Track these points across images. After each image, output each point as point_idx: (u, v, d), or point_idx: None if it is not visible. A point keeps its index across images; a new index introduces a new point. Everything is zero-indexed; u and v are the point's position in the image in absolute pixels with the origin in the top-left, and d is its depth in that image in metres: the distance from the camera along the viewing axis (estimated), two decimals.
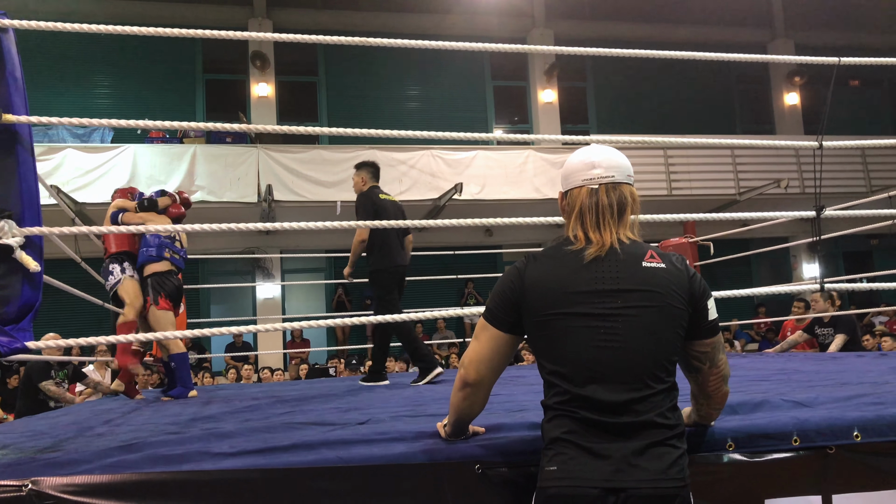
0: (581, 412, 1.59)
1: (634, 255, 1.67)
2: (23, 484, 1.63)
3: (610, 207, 1.71)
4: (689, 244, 7.24)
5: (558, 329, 1.64)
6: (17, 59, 2.20)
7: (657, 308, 1.63)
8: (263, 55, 12.50)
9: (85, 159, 10.12)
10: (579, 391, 1.60)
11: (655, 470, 1.55)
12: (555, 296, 1.65)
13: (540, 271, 1.69)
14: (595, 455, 1.56)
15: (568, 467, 1.57)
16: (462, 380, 1.77)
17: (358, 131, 2.88)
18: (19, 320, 2.06)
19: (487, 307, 1.77)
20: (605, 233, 1.68)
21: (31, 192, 2.18)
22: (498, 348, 1.74)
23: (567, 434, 1.60)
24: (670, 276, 1.67)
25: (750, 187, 12.02)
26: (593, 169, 1.74)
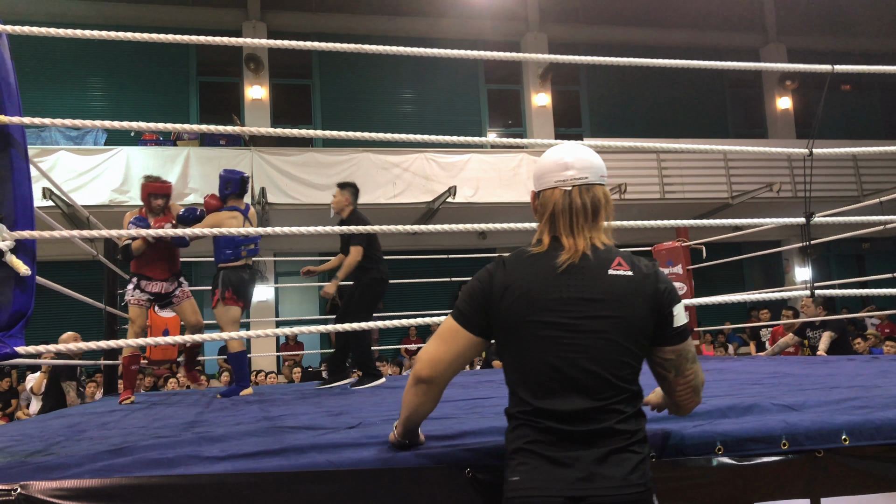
0: (544, 422, 1.59)
1: (603, 261, 1.65)
2: (12, 488, 1.62)
3: (583, 210, 1.68)
4: (682, 248, 7.26)
5: (523, 337, 1.63)
6: (9, 64, 2.20)
7: (620, 318, 1.61)
8: (257, 58, 12.49)
9: (78, 161, 10.09)
10: (541, 402, 1.59)
11: (617, 477, 1.54)
12: (522, 302, 1.63)
13: (510, 276, 1.66)
14: (557, 464, 1.55)
15: (531, 477, 1.56)
16: (416, 376, 1.73)
17: (352, 134, 2.89)
18: (10, 328, 2.05)
19: (457, 307, 1.73)
20: (578, 237, 1.66)
21: (24, 196, 2.17)
22: (462, 350, 1.71)
23: (529, 444, 1.59)
24: (636, 284, 1.64)
25: (743, 191, 12.06)
26: (567, 170, 1.71)
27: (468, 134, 11.23)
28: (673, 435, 1.95)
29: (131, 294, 4.93)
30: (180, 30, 11.86)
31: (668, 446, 1.92)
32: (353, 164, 11.06)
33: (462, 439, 1.94)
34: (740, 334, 12.47)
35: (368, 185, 10.92)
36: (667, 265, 7.33)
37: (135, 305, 4.91)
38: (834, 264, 14.65)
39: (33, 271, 2.16)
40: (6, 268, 2.08)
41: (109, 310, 5.77)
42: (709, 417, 2.11)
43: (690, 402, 1.82)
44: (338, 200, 5.34)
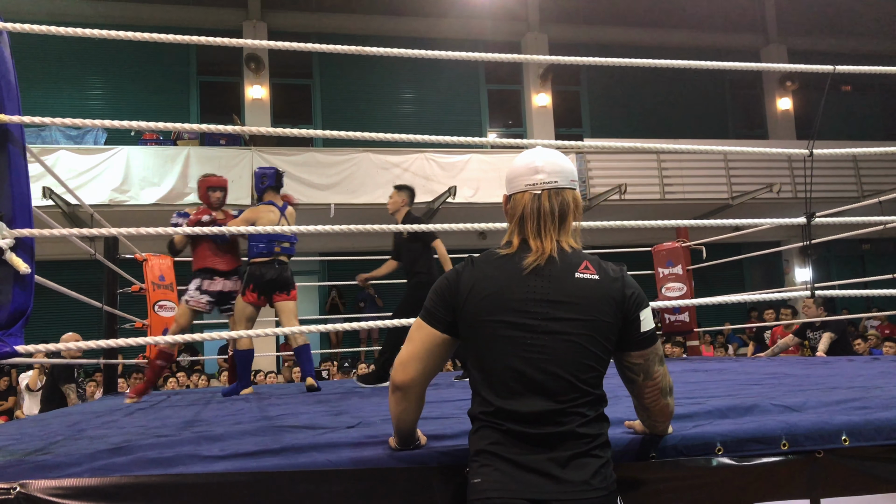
0: (505, 424, 1.58)
1: (569, 265, 1.65)
2: (11, 487, 1.62)
3: (552, 214, 1.68)
4: (682, 248, 7.26)
5: (486, 337, 1.62)
6: (9, 62, 2.19)
7: (584, 321, 1.61)
8: (258, 58, 12.50)
9: (78, 161, 10.10)
10: (503, 403, 1.59)
11: (579, 481, 1.54)
12: (487, 302, 1.63)
13: (476, 276, 1.67)
14: (519, 467, 1.55)
15: (492, 479, 1.56)
16: (392, 382, 1.73)
17: (352, 134, 2.88)
18: (10, 326, 2.05)
19: (424, 306, 1.74)
20: (545, 240, 1.66)
21: (22, 194, 2.17)
22: (431, 349, 1.71)
23: (491, 446, 1.59)
24: (601, 288, 1.64)
25: (743, 191, 12.07)
26: (536, 174, 1.71)
27: (468, 134, 11.24)
28: (672, 435, 1.94)
29: (192, 296, 4.88)
30: (180, 29, 11.86)
31: (668, 447, 1.92)
32: (354, 164, 11.07)
33: (461, 439, 1.93)
34: (740, 335, 12.47)
35: (368, 185, 10.94)
36: (667, 265, 7.32)
37: (192, 308, 4.87)
38: (834, 265, 14.66)
39: (32, 269, 2.16)
40: (6, 266, 2.08)
41: (108, 309, 5.77)
42: (708, 418, 2.11)
43: (658, 405, 1.80)
44: (394, 201, 5.32)
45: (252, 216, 4.89)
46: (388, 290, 11.98)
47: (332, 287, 12.31)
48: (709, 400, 2.44)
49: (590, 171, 11.83)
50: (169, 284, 6.10)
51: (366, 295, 12.34)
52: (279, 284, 4.92)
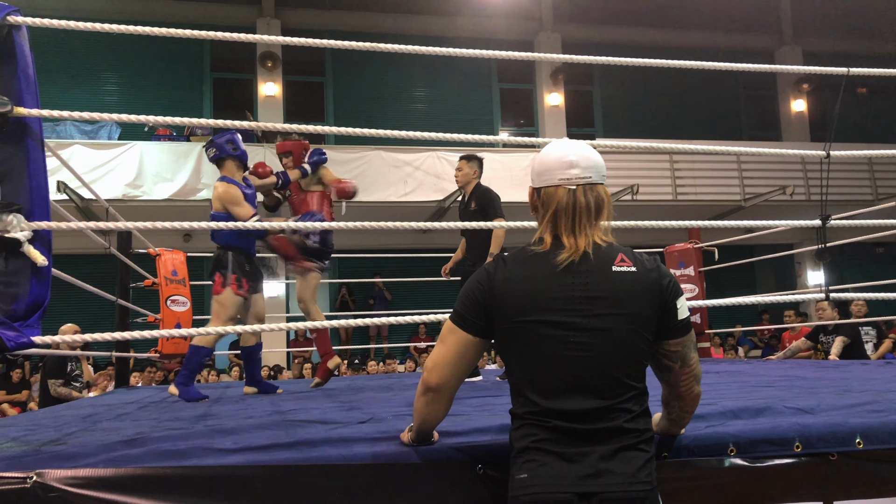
0: (552, 421, 1.58)
1: (605, 259, 1.64)
2: (27, 476, 1.64)
3: (587, 210, 1.66)
4: (694, 249, 7.23)
5: (528, 337, 1.61)
6: (29, 57, 2.22)
7: (626, 315, 1.61)
8: (274, 55, 12.54)
9: (92, 156, 10.16)
10: (549, 402, 1.58)
11: (626, 474, 1.54)
12: (525, 302, 1.61)
13: (510, 276, 1.65)
14: (566, 460, 1.55)
15: (539, 473, 1.55)
16: (424, 384, 1.72)
17: (364, 131, 2.89)
18: (27, 318, 2.07)
19: (455, 309, 1.72)
20: (580, 237, 1.64)
21: (40, 187, 2.19)
22: (464, 353, 1.70)
23: (537, 442, 1.58)
24: (639, 280, 1.64)
25: (755, 193, 12.01)
26: (571, 168, 1.69)
27: (480, 133, 11.22)
28: (685, 435, 1.94)
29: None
30: (195, 26, 11.86)
31: (680, 447, 1.92)
32: (365, 161, 11.08)
33: (473, 436, 1.94)
34: (751, 337, 12.41)
35: (379, 183, 10.96)
36: (678, 266, 7.30)
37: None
38: (847, 268, 14.55)
39: (49, 262, 2.18)
40: (23, 258, 2.10)
41: (121, 302, 5.80)
42: (721, 419, 2.11)
43: (692, 392, 1.80)
44: (464, 173, 5.04)
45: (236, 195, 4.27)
46: (398, 287, 12.01)
47: (343, 284, 12.35)
48: (721, 401, 2.44)
49: None
50: (181, 279, 6.13)
51: (376, 292, 12.37)
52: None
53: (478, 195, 4.95)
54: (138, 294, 6.31)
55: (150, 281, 6.23)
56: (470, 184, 5.04)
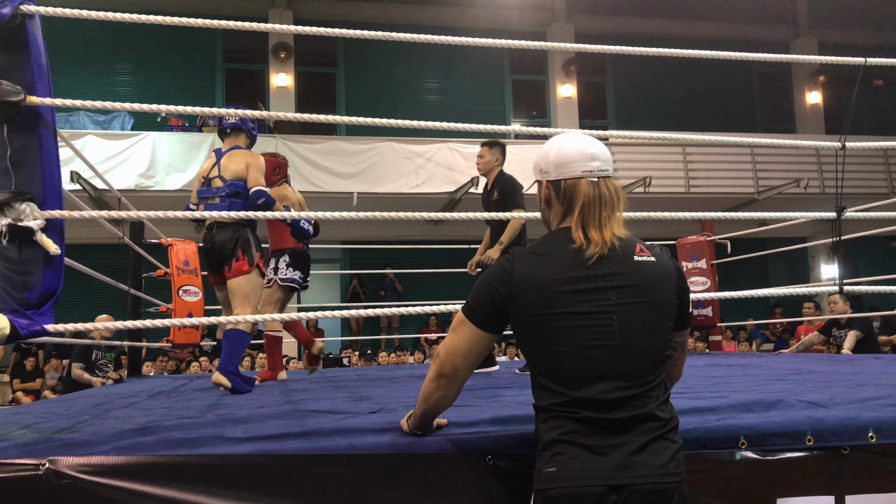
0: (580, 412, 1.57)
1: (626, 249, 1.65)
2: (40, 463, 1.65)
3: (611, 202, 1.68)
4: (707, 242, 7.19)
5: (551, 329, 1.61)
6: (42, 46, 2.22)
7: (651, 302, 1.62)
8: (287, 45, 12.55)
9: (105, 146, 10.22)
10: (577, 393, 1.58)
11: (656, 465, 1.54)
12: (546, 295, 1.60)
13: (529, 270, 1.64)
14: (595, 452, 1.54)
15: (569, 467, 1.54)
16: (438, 371, 1.73)
17: (375, 121, 2.88)
18: (40, 306, 2.08)
19: (468, 303, 1.72)
20: (605, 230, 1.65)
21: (52, 176, 2.20)
22: (474, 345, 1.71)
23: (566, 435, 1.57)
24: (661, 269, 1.66)
25: (769, 186, 11.92)
26: (593, 161, 1.70)
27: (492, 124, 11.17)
28: (696, 428, 1.93)
29: (286, 272, 4.85)
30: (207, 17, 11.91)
31: (691, 439, 1.91)
32: (377, 152, 11.09)
33: (483, 427, 1.94)
34: (763, 331, 12.35)
35: (391, 174, 10.96)
36: (691, 259, 7.26)
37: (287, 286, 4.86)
38: (861, 262, 14.44)
39: (62, 251, 2.19)
40: (36, 247, 2.11)
41: (134, 292, 5.84)
42: (732, 412, 2.09)
43: (680, 372, 1.88)
44: (486, 160, 4.85)
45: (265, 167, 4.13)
46: (409, 278, 12.02)
47: (354, 275, 12.38)
48: (732, 394, 2.43)
49: (614, 162, 11.72)
50: (193, 269, 6.15)
51: (387, 283, 12.40)
52: (217, 255, 3.92)
53: (500, 184, 4.78)
54: (150, 284, 6.35)
55: (163, 271, 6.26)
56: (492, 171, 4.86)
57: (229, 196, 3.89)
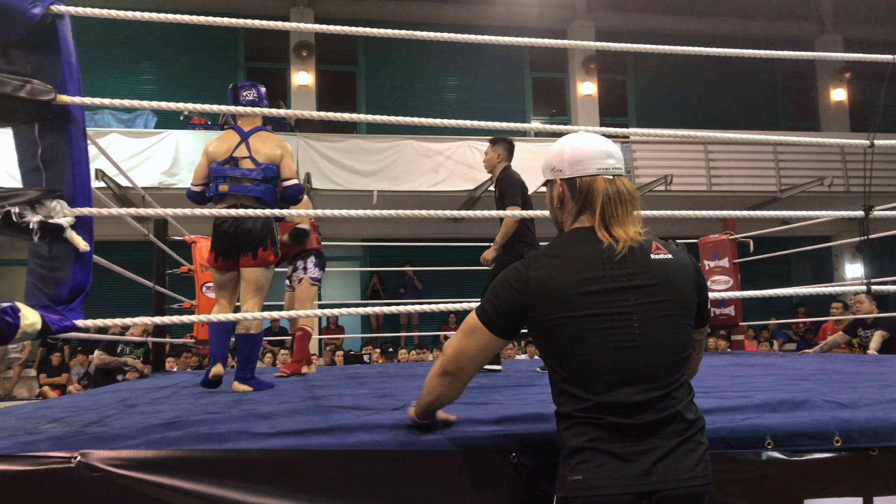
0: (605, 418, 1.54)
1: (642, 248, 1.63)
2: (72, 456, 1.68)
3: (630, 199, 1.66)
4: (729, 241, 7.13)
5: (571, 333, 1.58)
6: (72, 45, 2.26)
7: (670, 301, 1.60)
8: (308, 44, 12.61)
9: (129, 144, 10.33)
10: (601, 398, 1.55)
11: (684, 469, 1.51)
12: (564, 299, 1.57)
13: (546, 273, 1.61)
14: (622, 459, 1.51)
15: (595, 475, 1.51)
16: (443, 367, 1.72)
17: (395, 119, 2.89)
18: (70, 302, 2.12)
19: (483, 307, 1.69)
20: (627, 227, 1.63)
21: (82, 174, 2.23)
22: (485, 348, 1.69)
23: (591, 442, 1.54)
24: (679, 267, 1.64)
25: (792, 184, 11.79)
26: (608, 158, 1.69)
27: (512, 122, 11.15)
28: (721, 427, 1.92)
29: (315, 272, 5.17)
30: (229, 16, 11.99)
31: (716, 438, 1.90)
32: (397, 150, 11.11)
33: (507, 425, 1.94)
34: (786, 330, 12.23)
35: (411, 172, 10.98)
36: (713, 258, 7.21)
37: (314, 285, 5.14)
38: (886, 261, 14.23)
39: (91, 247, 2.22)
40: (66, 244, 2.15)
41: (158, 289, 5.90)
42: (757, 411, 2.08)
43: (695, 371, 1.87)
44: (489, 157, 4.87)
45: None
46: (429, 276, 12.03)
47: (374, 273, 12.41)
48: (757, 394, 2.41)
49: (635, 160, 11.67)
50: None
51: (407, 281, 12.42)
52: (239, 241, 3.72)
53: (500, 181, 4.75)
54: (174, 280, 6.41)
55: (186, 268, 6.33)
56: (496, 168, 4.85)
57: (264, 181, 3.71)
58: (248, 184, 3.68)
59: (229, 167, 3.71)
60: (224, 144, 3.81)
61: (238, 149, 3.76)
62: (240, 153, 3.75)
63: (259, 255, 3.69)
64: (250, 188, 3.68)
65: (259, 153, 3.74)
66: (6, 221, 2.08)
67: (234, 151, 3.75)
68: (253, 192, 3.67)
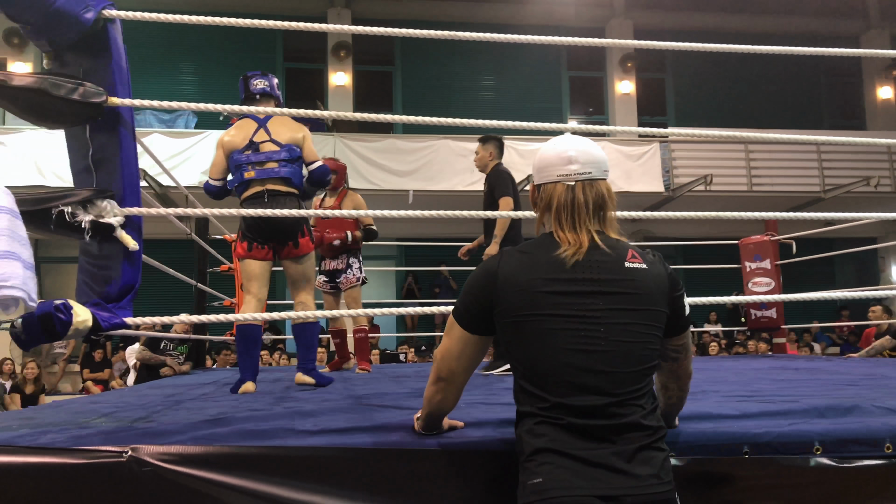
0: (565, 418, 1.53)
1: (616, 255, 1.62)
2: (123, 451, 1.72)
3: (586, 206, 1.64)
4: (771, 242, 7.01)
5: (534, 331, 1.58)
6: (122, 49, 2.32)
7: (640, 311, 1.59)
8: (346, 45, 12.71)
9: (170, 144, 10.53)
10: (560, 398, 1.54)
11: (647, 475, 1.49)
12: (530, 296, 1.58)
13: (514, 269, 1.62)
14: (584, 462, 1.49)
15: (556, 476, 1.48)
16: (436, 374, 1.73)
17: (431, 120, 2.89)
18: (120, 299, 2.17)
19: (456, 306, 1.71)
20: (581, 233, 1.62)
21: (131, 174, 2.28)
22: (466, 348, 1.69)
23: (550, 443, 1.52)
24: (651, 277, 1.62)
25: (836, 184, 11.53)
26: (570, 164, 1.68)
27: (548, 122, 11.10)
28: (767, 432, 1.90)
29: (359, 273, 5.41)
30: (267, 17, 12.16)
31: (762, 444, 1.87)
32: (433, 150, 11.14)
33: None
34: (829, 334, 11.97)
35: (447, 171, 10.99)
36: (754, 259, 7.09)
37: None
38: None
39: (140, 246, 2.27)
40: (116, 242, 2.20)
41: (200, 286, 6.00)
42: (805, 416, 2.05)
43: (689, 371, 1.82)
44: (480, 157, 4.88)
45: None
46: (463, 276, 12.03)
47: (409, 272, 12.46)
48: (803, 399, 2.37)
49: (674, 160, 11.53)
50: None
51: (442, 280, 12.45)
52: (275, 230, 3.61)
53: (489, 176, 4.75)
54: (214, 278, 6.51)
55: (226, 266, 6.43)
56: (488, 167, 4.85)
57: (289, 161, 3.59)
58: (274, 165, 3.56)
59: (251, 153, 3.60)
60: (241, 133, 3.69)
61: (257, 133, 3.64)
62: (259, 137, 3.63)
63: (301, 243, 3.62)
64: (277, 170, 3.56)
65: (280, 135, 3.64)
66: (59, 220, 2.14)
67: (254, 136, 3.63)
68: (280, 174, 3.56)
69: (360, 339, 5.39)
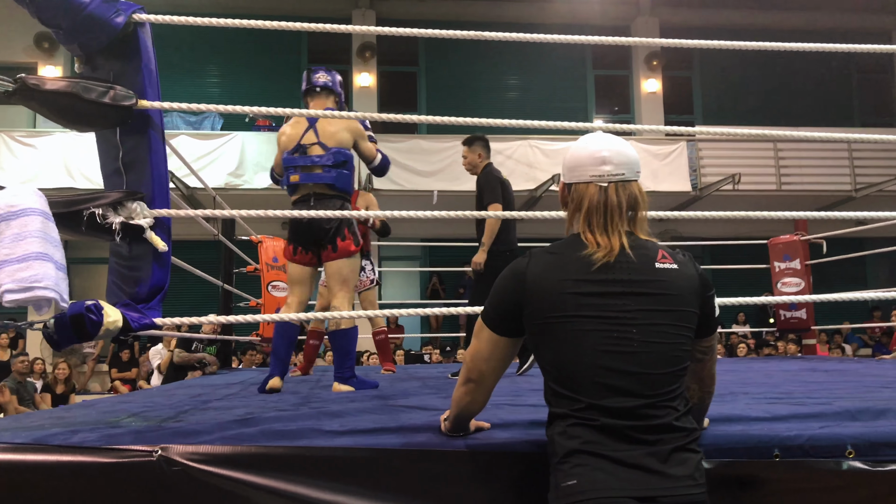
0: (599, 419, 1.51)
1: (647, 256, 1.60)
2: (153, 450, 1.74)
3: (619, 208, 1.63)
4: (801, 242, 6.91)
5: (566, 333, 1.56)
6: (151, 52, 2.34)
7: (672, 311, 1.57)
8: (371, 46, 12.76)
9: (196, 146, 10.64)
10: (593, 399, 1.52)
11: (682, 475, 1.48)
12: (559, 298, 1.57)
13: (542, 271, 1.61)
14: (619, 463, 1.47)
15: (591, 479, 1.47)
16: (466, 376, 1.73)
17: (456, 120, 2.89)
18: (150, 300, 2.20)
19: (485, 309, 1.70)
20: (612, 236, 1.60)
21: (161, 176, 2.31)
22: (495, 350, 1.69)
23: (585, 444, 1.50)
24: (683, 278, 1.61)
25: (868, 183, 11.34)
26: (603, 165, 1.65)
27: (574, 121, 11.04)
28: (798, 435, 1.87)
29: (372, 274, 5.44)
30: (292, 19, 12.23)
31: (793, 446, 1.85)
32: (457, 151, 11.06)
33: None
34: (860, 335, 11.77)
35: None
36: (783, 259, 7.00)
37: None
38: None
39: (169, 248, 2.30)
40: (146, 244, 2.23)
41: (226, 287, 6.06)
42: (837, 419, 2.02)
43: (712, 373, 1.79)
44: (469, 160, 4.76)
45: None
46: None
47: (434, 273, 12.47)
48: (835, 401, 2.33)
49: (701, 159, 11.41)
50: (282, 266, 6.33)
51: (466, 281, 12.44)
52: (315, 233, 3.61)
53: (479, 178, 4.61)
54: (240, 279, 6.57)
55: (253, 267, 6.48)
56: (478, 168, 4.71)
57: (335, 166, 3.60)
58: (319, 171, 3.58)
59: (298, 156, 3.62)
60: (293, 132, 3.72)
61: (306, 135, 3.65)
62: (308, 139, 3.64)
63: (340, 246, 3.57)
64: (321, 175, 3.57)
65: (328, 138, 3.64)
66: (91, 222, 2.17)
67: (303, 138, 3.65)
68: (324, 180, 3.57)
69: (380, 341, 5.44)
